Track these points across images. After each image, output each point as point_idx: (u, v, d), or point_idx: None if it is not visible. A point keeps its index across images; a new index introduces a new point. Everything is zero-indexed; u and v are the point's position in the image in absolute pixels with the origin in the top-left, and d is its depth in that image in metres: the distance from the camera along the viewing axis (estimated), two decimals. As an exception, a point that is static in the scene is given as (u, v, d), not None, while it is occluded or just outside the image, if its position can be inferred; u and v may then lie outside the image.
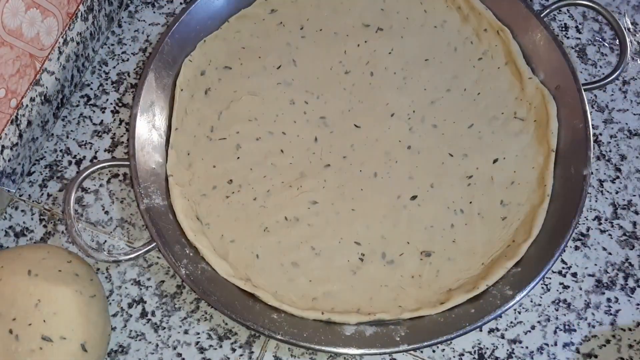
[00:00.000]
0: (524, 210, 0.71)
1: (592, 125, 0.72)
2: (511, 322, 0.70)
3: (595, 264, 0.73)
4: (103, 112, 0.78)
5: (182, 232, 0.69)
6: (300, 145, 0.75)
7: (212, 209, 0.71)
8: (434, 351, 0.69)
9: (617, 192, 0.77)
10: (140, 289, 0.70)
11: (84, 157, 0.76)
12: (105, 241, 0.72)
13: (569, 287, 0.72)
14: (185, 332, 0.69)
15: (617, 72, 0.76)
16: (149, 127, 0.72)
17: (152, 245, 0.66)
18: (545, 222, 0.69)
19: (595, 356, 0.70)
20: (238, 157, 0.74)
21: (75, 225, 0.65)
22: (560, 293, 0.72)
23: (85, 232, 0.72)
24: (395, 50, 0.79)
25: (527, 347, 0.69)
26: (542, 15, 0.78)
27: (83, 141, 0.76)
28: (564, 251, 0.66)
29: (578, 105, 0.72)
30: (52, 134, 0.77)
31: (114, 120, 0.78)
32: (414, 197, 0.72)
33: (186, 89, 0.76)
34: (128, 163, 0.69)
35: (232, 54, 0.79)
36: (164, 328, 0.69)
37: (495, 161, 0.73)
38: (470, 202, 0.72)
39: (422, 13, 0.81)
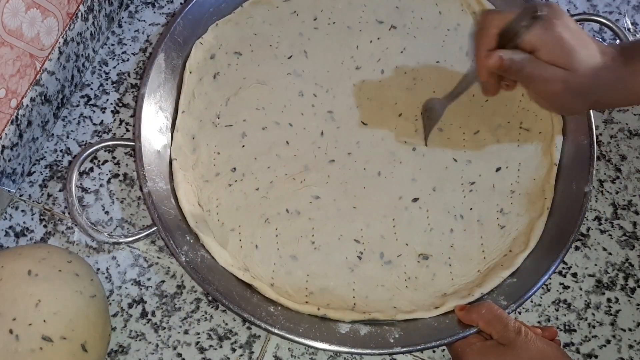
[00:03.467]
0: (523, 221, 0.71)
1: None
2: (511, 323, 0.70)
3: (596, 264, 0.73)
4: (103, 112, 0.78)
5: (183, 217, 0.69)
6: (306, 138, 0.75)
7: (214, 195, 0.71)
8: (434, 351, 0.69)
9: (617, 192, 0.77)
10: (140, 289, 0.70)
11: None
12: (105, 242, 0.72)
13: (569, 287, 0.72)
14: (186, 332, 0.69)
15: None
16: (156, 109, 0.72)
17: (152, 229, 0.66)
18: (542, 235, 0.69)
19: (595, 356, 0.70)
20: (243, 146, 0.74)
21: (76, 204, 0.65)
22: (560, 293, 0.72)
23: (85, 232, 0.72)
24: (407, 49, 0.79)
25: (527, 348, 0.69)
26: None
27: (83, 141, 0.76)
28: (560, 263, 0.67)
29: (585, 121, 0.72)
30: (52, 134, 0.77)
31: (114, 120, 0.78)
32: (415, 199, 0.72)
33: (195, 72, 0.76)
34: (133, 143, 0.69)
35: (243, 39, 0.79)
36: (164, 328, 0.69)
37: (498, 169, 0.73)
38: (471, 209, 0.72)
39: (437, 14, 0.81)
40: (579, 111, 0.64)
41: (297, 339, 0.62)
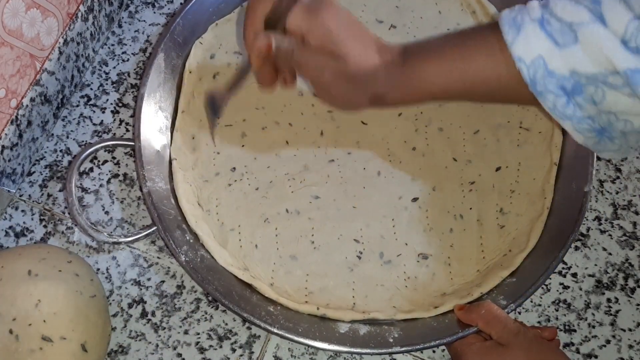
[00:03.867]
0: (523, 221, 0.71)
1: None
2: (511, 323, 0.70)
3: (596, 264, 0.73)
4: (103, 112, 0.78)
5: (183, 217, 0.69)
6: (306, 137, 0.74)
7: (214, 195, 0.71)
8: (434, 351, 0.69)
9: (617, 193, 0.77)
10: (140, 289, 0.70)
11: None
12: (105, 242, 0.72)
13: (569, 287, 0.72)
14: (186, 332, 0.69)
15: None
16: (155, 109, 0.72)
17: (152, 229, 0.66)
18: (542, 235, 0.69)
19: (595, 356, 0.70)
20: (243, 145, 0.74)
21: (76, 204, 0.66)
22: (560, 293, 0.72)
23: (84, 232, 0.72)
24: None
25: (527, 348, 0.69)
26: None
27: (83, 141, 0.76)
28: (560, 263, 0.67)
29: None
30: (52, 134, 0.77)
31: (114, 120, 0.78)
32: (415, 199, 0.72)
33: (195, 72, 0.76)
34: (133, 143, 0.69)
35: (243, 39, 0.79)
36: (164, 328, 0.69)
37: (497, 169, 0.73)
38: (470, 208, 0.72)
39: (437, 14, 0.81)
40: (361, 105, 0.60)
41: (296, 338, 0.62)
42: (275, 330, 0.62)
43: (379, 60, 0.57)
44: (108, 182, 0.75)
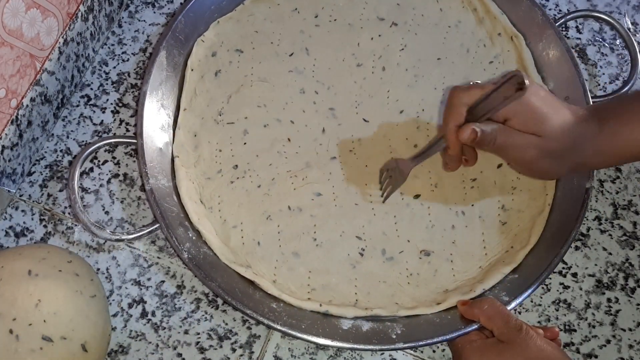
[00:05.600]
0: (524, 218, 0.71)
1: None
2: (512, 322, 0.70)
3: (596, 264, 0.73)
4: (103, 112, 0.78)
5: (185, 214, 0.69)
6: (308, 135, 0.75)
7: (216, 193, 0.71)
8: (434, 351, 0.69)
9: (617, 192, 0.77)
10: (141, 289, 0.70)
11: (85, 157, 0.76)
12: (105, 242, 0.72)
13: (569, 287, 0.72)
14: (186, 332, 0.68)
15: (627, 88, 0.76)
16: (157, 106, 0.72)
17: (155, 226, 0.66)
18: (544, 231, 0.69)
19: (595, 356, 0.70)
20: (245, 143, 0.74)
21: (79, 201, 0.66)
22: (560, 293, 0.72)
23: (85, 232, 0.72)
24: (408, 46, 0.79)
25: (527, 347, 0.69)
26: (557, 24, 0.78)
27: (83, 141, 0.76)
28: (562, 259, 0.67)
29: None
30: (53, 134, 0.76)
31: (114, 120, 0.77)
32: (417, 196, 0.72)
33: (196, 69, 0.76)
34: (135, 141, 0.69)
35: (244, 37, 0.79)
36: (164, 328, 0.68)
37: (499, 166, 0.73)
38: (472, 205, 0.72)
39: (438, 11, 0.81)
40: (560, 175, 0.65)
41: (299, 335, 0.62)
42: (279, 327, 0.62)
43: (577, 132, 0.60)
44: (108, 182, 0.74)
